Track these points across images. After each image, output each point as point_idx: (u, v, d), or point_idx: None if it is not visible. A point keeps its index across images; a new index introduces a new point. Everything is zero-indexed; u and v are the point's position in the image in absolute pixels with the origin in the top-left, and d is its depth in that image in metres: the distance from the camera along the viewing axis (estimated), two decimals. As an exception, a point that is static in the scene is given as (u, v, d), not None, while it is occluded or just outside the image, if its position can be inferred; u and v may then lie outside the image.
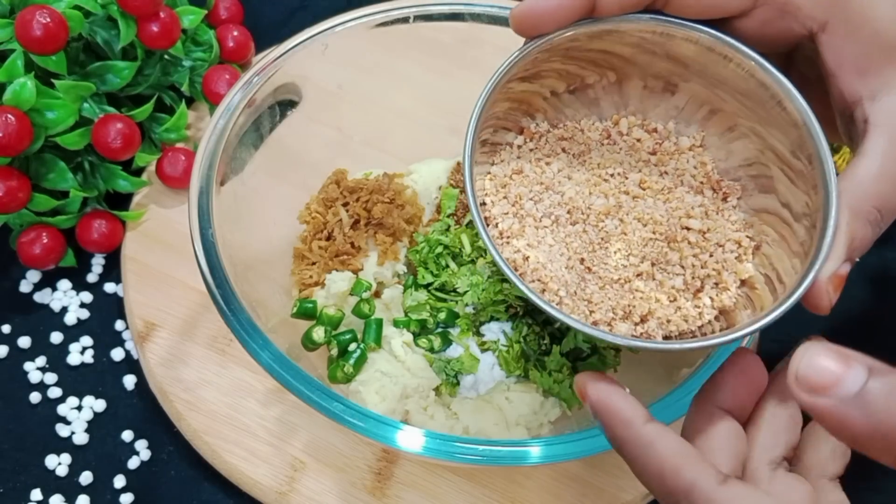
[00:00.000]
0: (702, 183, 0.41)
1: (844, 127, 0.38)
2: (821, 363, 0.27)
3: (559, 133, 0.43)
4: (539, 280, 0.38)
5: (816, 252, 0.34)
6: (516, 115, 0.42)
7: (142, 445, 0.55)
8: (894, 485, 0.29)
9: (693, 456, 0.32)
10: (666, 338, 0.38)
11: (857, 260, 0.35)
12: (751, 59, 0.37)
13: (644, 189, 0.41)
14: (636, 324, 0.39)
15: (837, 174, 0.35)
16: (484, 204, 0.40)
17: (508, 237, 0.39)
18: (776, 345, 0.51)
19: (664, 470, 0.31)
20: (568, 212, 0.40)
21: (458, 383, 0.53)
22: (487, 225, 0.39)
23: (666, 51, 0.40)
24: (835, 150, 0.63)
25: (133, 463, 0.54)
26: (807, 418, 0.33)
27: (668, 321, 0.39)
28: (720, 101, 0.41)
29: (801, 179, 0.37)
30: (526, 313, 0.53)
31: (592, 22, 0.37)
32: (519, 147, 0.42)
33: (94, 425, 0.55)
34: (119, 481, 0.53)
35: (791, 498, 0.32)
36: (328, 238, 0.55)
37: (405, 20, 0.56)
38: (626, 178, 0.41)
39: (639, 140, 0.42)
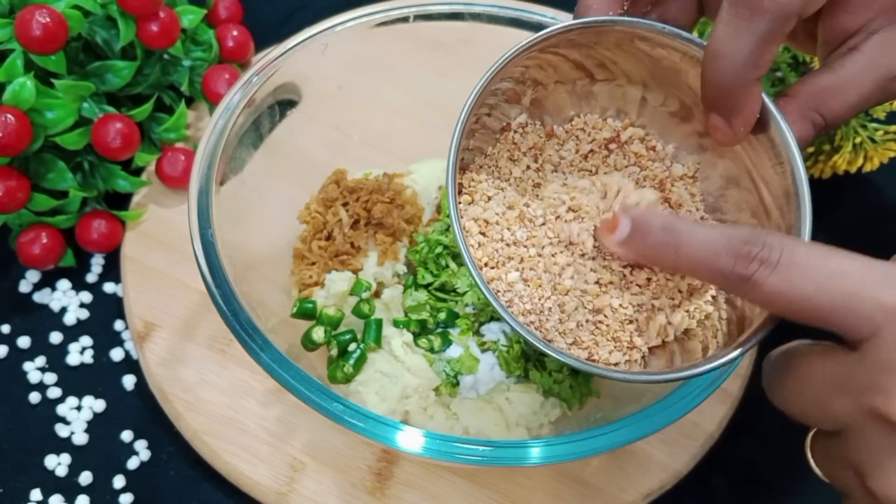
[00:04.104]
0: (689, 212, 0.41)
1: (824, 51, 0.40)
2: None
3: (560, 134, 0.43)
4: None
5: None
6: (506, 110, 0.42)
7: (141, 445, 0.55)
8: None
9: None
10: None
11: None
12: None
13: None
14: (624, 352, 0.38)
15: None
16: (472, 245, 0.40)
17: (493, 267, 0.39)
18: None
19: (725, 234, 0.33)
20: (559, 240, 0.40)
21: (458, 383, 0.53)
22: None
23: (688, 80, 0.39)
24: (834, 150, 0.63)
25: (133, 463, 0.54)
26: None
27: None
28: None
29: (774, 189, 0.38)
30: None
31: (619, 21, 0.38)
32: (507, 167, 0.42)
33: (93, 425, 0.55)
34: (119, 481, 0.53)
35: None
36: (328, 238, 0.55)
37: (405, 20, 0.56)
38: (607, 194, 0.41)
39: (636, 154, 0.42)
